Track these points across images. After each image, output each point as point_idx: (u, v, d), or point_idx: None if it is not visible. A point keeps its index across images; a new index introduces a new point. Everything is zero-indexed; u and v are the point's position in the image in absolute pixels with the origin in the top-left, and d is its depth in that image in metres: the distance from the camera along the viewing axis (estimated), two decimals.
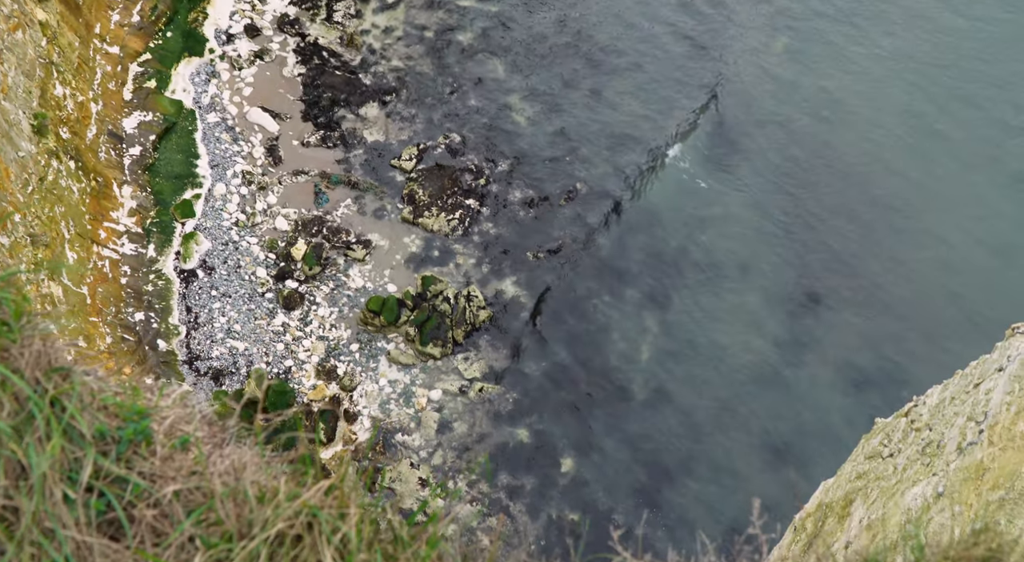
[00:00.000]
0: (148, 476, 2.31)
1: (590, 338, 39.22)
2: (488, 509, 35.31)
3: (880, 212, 42.42)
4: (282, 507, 2.10)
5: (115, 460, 2.28)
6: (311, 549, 2.02)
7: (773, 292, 40.49)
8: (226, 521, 2.12)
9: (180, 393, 2.69)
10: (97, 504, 2.22)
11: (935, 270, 40.66)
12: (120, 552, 2.10)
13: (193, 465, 2.37)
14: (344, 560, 2.02)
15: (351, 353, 38.24)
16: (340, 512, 2.11)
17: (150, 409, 2.54)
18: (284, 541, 2.06)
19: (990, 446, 13.36)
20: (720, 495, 35.92)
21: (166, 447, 2.40)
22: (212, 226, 40.15)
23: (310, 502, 2.11)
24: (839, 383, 38.29)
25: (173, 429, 2.49)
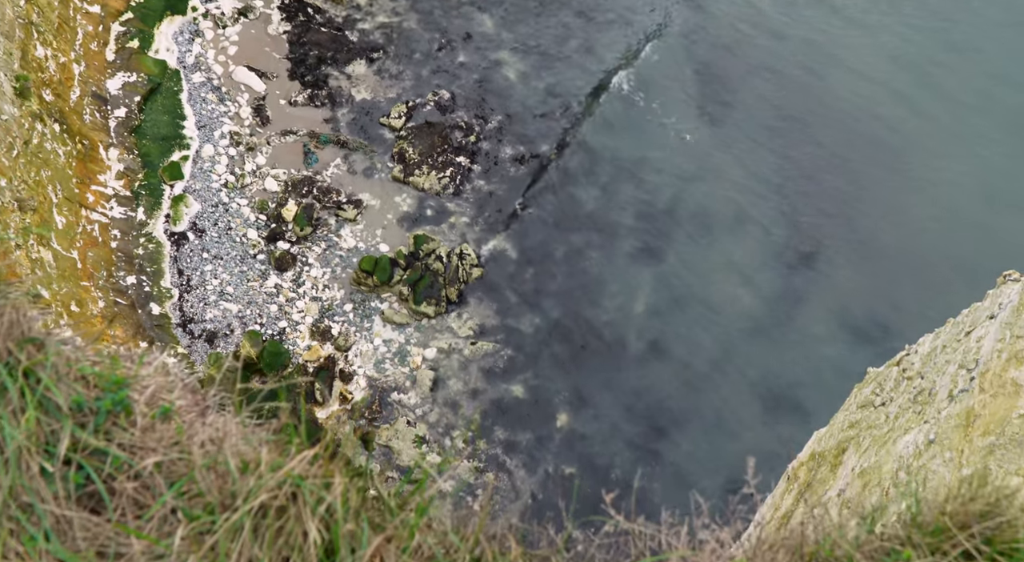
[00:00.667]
0: (128, 448, 2.27)
1: (583, 293, 39.28)
2: (484, 465, 35.65)
3: (871, 162, 42.28)
4: (265, 478, 2.07)
5: (93, 432, 2.24)
6: (296, 520, 1.99)
7: (766, 244, 40.50)
8: (207, 493, 2.09)
9: (161, 361, 2.64)
10: (76, 477, 2.18)
11: (927, 218, 40.68)
12: (101, 525, 2.07)
13: (175, 435, 2.34)
14: (330, 530, 2.00)
15: (345, 313, 38.25)
16: (325, 482, 2.09)
17: (130, 378, 2.49)
18: (268, 512, 2.03)
19: (981, 393, 13.47)
20: (716, 447, 36.31)
21: (147, 417, 2.36)
22: (201, 188, 39.83)
23: (293, 472, 2.08)
24: (832, 333, 38.52)
25: (154, 399, 2.45)
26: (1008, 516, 2.12)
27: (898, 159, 42.25)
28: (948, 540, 2.13)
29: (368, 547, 1.94)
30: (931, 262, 39.52)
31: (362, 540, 1.94)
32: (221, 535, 1.95)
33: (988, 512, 2.17)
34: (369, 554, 1.94)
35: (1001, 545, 2.12)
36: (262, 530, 1.97)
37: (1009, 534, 2.12)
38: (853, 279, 39.58)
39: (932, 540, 2.16)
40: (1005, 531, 2.13)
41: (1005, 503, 2.14)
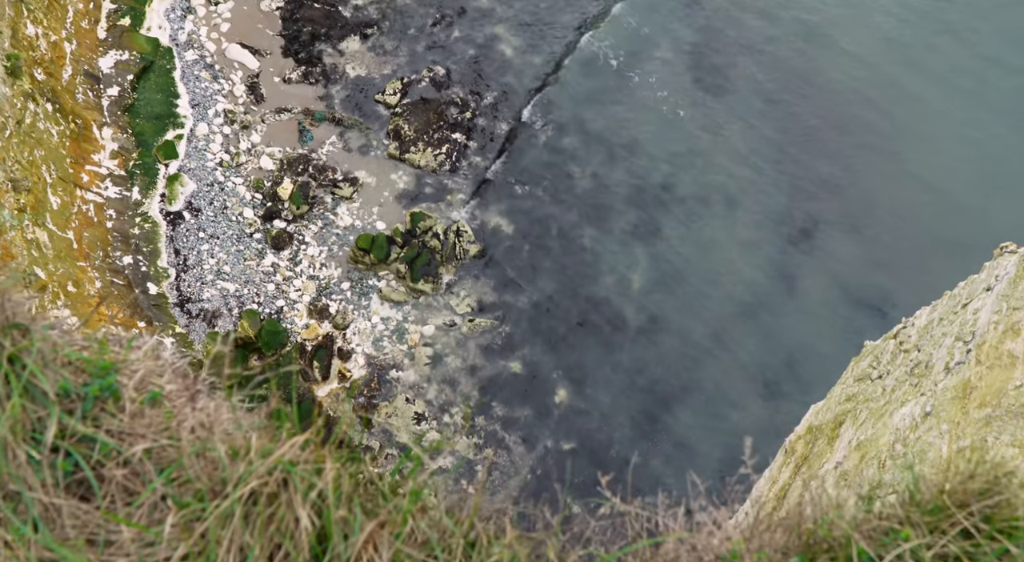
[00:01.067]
0: (116, 434, 2.24)
1: (580, 270, 39.27)
2: (483, 441, 35.81)
3: (866, 140, 42.12)
4: (255, 464, 2.04)
5: (81, 418, 2.21)
6: (287, 506, 1.97)
7: (761, 220, 40.44)
8: (197, 480, 2.07)
9: (151, 345, 2.60)
10: (64, 465, 2.15)
11: (923, 193, 40.61)
12: (90, 513, 2.05)
13: (164, 421, 2.31)
14: (322, 517, 1.98)
15: (342, 292, 38.23)
16: (316, 467, 2.06)
17: (118, 363, 2.46)
18: (259, 499, 2.01)
19: (977, 365, 13.49)
20: (714, 422, 36.47)
21: (136, 402, 2.33)
22: (196, 167, 39.64)
23: (284, 458, 2.05)
24: (829, 308, 38.58)
25: (144, 383, 2.42)
26: (1007, 494, 2.11)
27: (893, 137, 42.10)
28: (947, 519, 2.12)
29: (361, 533, 1.92)
30: (927, 236, 39.51)
31: (355, 526, 1.92)
32: (211, 523, 1.93)
33: (987, 490, 2.16)
34: (362, 540, 1.92)
35: (1000, 523, 2.10)
36: (253, 517, 1.95)
37: (1008, 512, 2.11)
38: (850, 253, 39.59)
39: (931, 519, 2.14)
40: (1004, 509, 2.12)
41: (1005, 481, 2.13)
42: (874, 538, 2.11)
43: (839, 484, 16.38)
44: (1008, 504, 2.11)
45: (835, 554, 2.12)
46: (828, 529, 2.16)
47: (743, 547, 2.16)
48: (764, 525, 2.24)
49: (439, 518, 2.03)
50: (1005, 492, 2.12)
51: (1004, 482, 2.12)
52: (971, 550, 2.06)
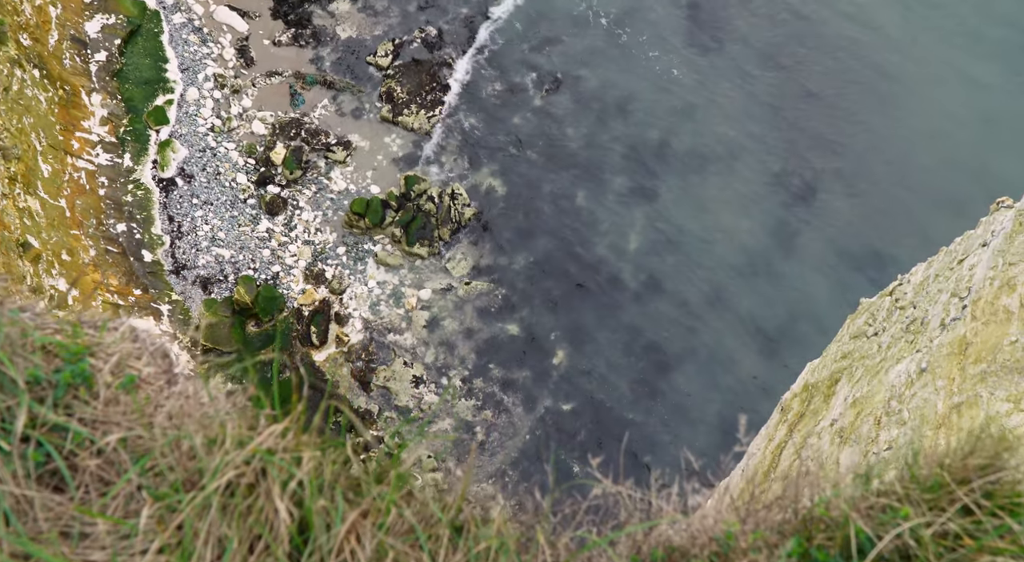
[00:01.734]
0: (90, 422, 2.17)
1: (576, 232, 39.14)
2: (482, 403, 35.99)
3: (863, 91, 41.75)
4: (231, 454, 1.98)
5: (52, 406, 2.14)
6: (266, 497, 1.92)
7: (758, 178, 40.24)
8: (172, 471, 2.01)
9: (128, 326, 2.52)
10: (35, 455, 2.08)
11: (920, 146, 40.37)
12: (64, 504, 1.99)
13: (143, 406, 2.24)
14: (302, 507, 1.92)
15: (338, 256, 38.12)
16: (295, 456, 2.00)
17: (92, 347, 2.38)
18: (236, 490, 1.95)
19: (973, 321, 13.49)
20: (710, 381, 36.63)
21: (111, 388, 2.26)
22: (188, 133, 39.26)
23: (262, 447, 1.99)
24: (826, 265, 38.56)
25: (120, 367, 2.34)
26: (1009, 469, 2.06)
27: (889, 94, 41.72)
28: (947, 495, 2.08)
29: (343, 524, 1.87)
30: (924, 191, 39.37)
31: (336, 516, 1.87)
32: (187, 515, 1.88)
33: (988, 466, 2.11)
34: (344, 530, 1.87)
35: (1002, 499, 2.06)
36: (231, 508, 1.90)
37: (1010, 488, 2.07)
38: (846, 210, 39.48)
39: (930, 496, 2.10)
40: (1005, 485, 2.08)
41: (1006, 456, 2.08)
42: (872, 516, 2.07)
43: (834, 441, 16.48)
44: (1010, 480, 2.07)
45: (832, 533, 2.08)
46: (825, 508, 2.13)
47: (738, 528, 2.13)
48: (761, 504, 2.20)
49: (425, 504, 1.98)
50: (1007, 467, 2.07)
51: (1006, 457, 2.08)
52: (972, 527, 2.02)
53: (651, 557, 2.13)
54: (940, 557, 1.97)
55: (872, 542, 2.03)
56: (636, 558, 2.13)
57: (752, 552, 2.07)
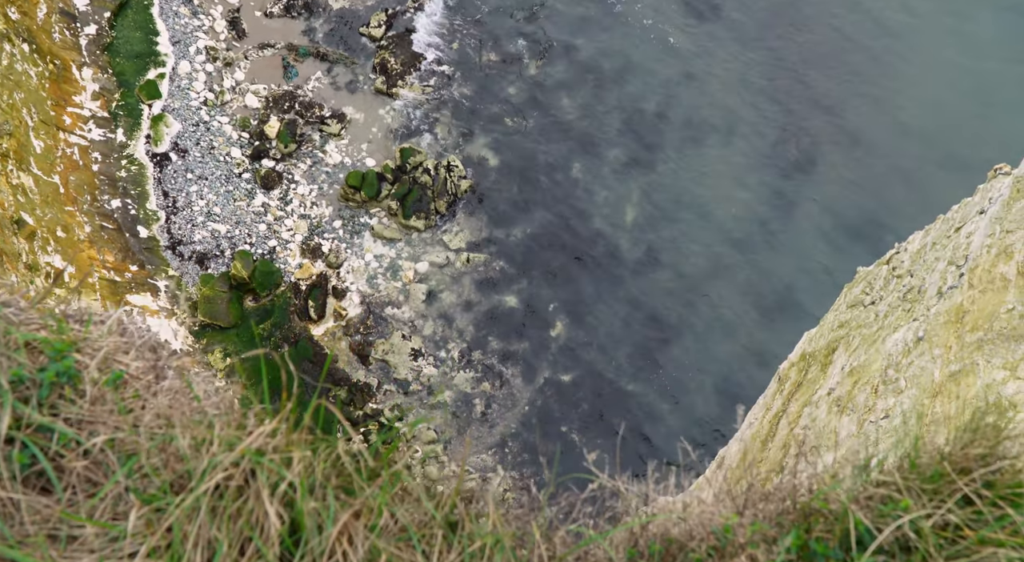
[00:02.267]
0: (76, 423, 2.14)
1: (574, 203, 39.01)
2: (481, 374, 36.09)
3: (860, 56, 41.44)
4: (218, 456, 1.95)
5: (37, 406, 2.10)
6: (256, 499, 1.89)
7: (756, 145, 40.06)
8: (160, 472, 1.97)
9: (115, 319, 2.46)
10: (20, 457, 2.05)
11: (917, 111, 40.15)
12: (51, 506, 1.96)
13: (128, 404, 2.20)
14: (294, 508, 1.90)
15: (335, 230, 38.00)
16: (285, 457, 1.97)
17: (78, 342, 2.33)
18: (225, 493, 1.92)
19: (970, 289, 13.48)
20: (708, 352, 36.71)
21: (98, 384, 2.22)
22: (180, 107, 38.95)
23: (251, 448, 1.96)
24: (823, 234, 38.51)
25: (107, 362, 2.30)
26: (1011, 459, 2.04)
27: (886, 59, 41.39)
28: (948, 486, 2.05)
29: (335, 525, 1.84)
30: (922, 158, 39.23)
31: (328, 518, 1.84)
32: (175, 518, 1.85)
33: (989, 455, 2.09)
34: (336, 531, 1.85)
35: (1003, 489, 2.04)
36: (220, 511, 1.87)
37: (1011, 477, 2.04)
38: (843, 178, 39.35)
39: (930, 486, 2.08)
40: (1007, 474, 2.05)
41: (1009, 444, 2.05)
42: (872, 507, 2.05)
43: (831, 410, 16.55)
44: (1011, 469, 2.04)
45: (831, 525, 2.06)
46: (824, 501, 2.10)
47: (736, 521, 2.11)
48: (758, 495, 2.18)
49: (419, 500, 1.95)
50: (1008, 457, 2.05)
51: (1007, 446, 2.05)
52: (973, 518, 2.00)
53: (648, 550, 2.12)
54: (941, 549, 1.95)
55: (871, 534, 2.01)
56: (633, 551, 2.12)
57: (751, 546, 2.06)
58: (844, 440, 14.47)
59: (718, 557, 2.06)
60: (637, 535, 2.16)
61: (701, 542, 2.08)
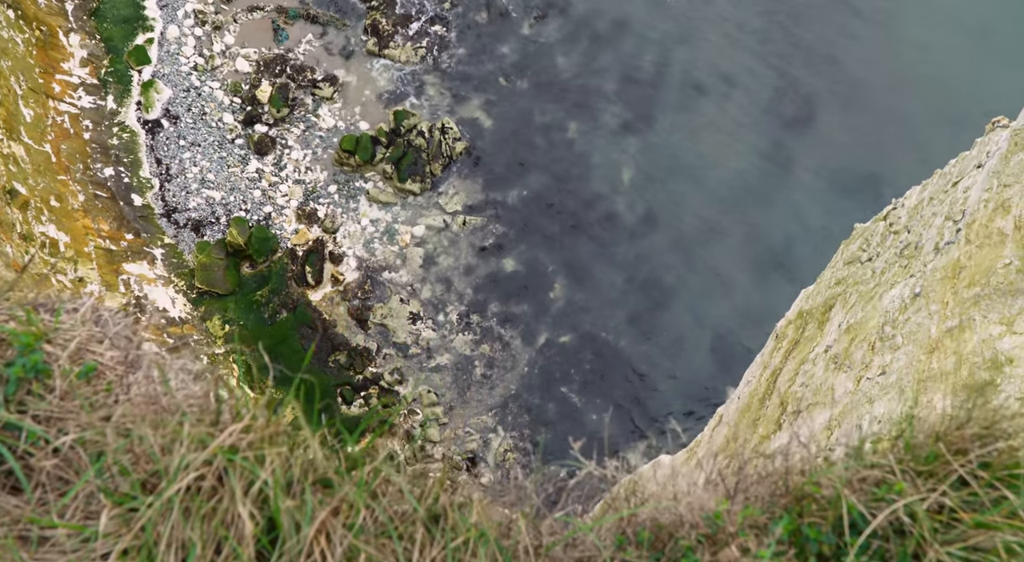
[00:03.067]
0: (44, 420, 2.08)
1: (570, 163, 38.75)
2: (480, 337, 36.16)
3: (855, 9, 40.87)
4: (187, 456, 1.89)
5: (4, 403, 2.03)
6: (231, 499, 1.84)
7: (753, 100, 39.69)
8: (131, 472, 1.92)
9: (89, 307, 2.38)
10: None
11: (915, 68, 39.71)
12: (21, 507, 1.91)
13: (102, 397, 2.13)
14: (269, 506, 1.85)
15: (330, 195, 37.79)
16: (258, 455, 1.91)
17: (49, 333, 2.26)
18: (197, 493, 1.87)
19: (967, 244, 13.42)
20: (706, 310, 36.74)
21: (69, 377, 2.15)
22: (170, 72, 38.49)
23: (224, 446, 1.90)
24: (820, 191, 38.34)
25: (80, 353, 2.23)
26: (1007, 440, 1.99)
27: (883, 16, 40.81)
28: (943, 467, 2.01)
29: (312, 524, 1.80)
30: (920, 111, 38.89)
31: (305, 516, 1.79)
32: (147, 519, 1.80)
33: (985, 435, 2.04)
34: (313, 530, 1.80)
35: (1000, 471, 1.99)
36: (193, 510, 1.82)
37: (1008, 457, 2.00)
38: (841, 134, 39.05)
39: (925, 468, 2.03)
40: (1003, 455, 2.01)
41: (1005, 424, 2.01)
42: (865, 491, 2.00)
43: (828, 367, 16.59)
44: (1008, 449, 2.00)
45: (825, 510, 2.03)
46: (816, 485, 2.06)
47: (726, 507, 2.07)
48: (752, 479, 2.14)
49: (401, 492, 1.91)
50: (1004, 437, 2.00)
51: (1005, 426, 2.00)
52: (969, 500, 1.96)
53: (637, 538, 2.08)
54: (936, 533, 1.92)
55: (865, 518, 1.97)
56: (622, 538, 2.09)
57: (741, 533, 2.02)
58: (841, 397, 14.52)
59: (709, 544, 2.03)
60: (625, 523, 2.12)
61: (691, 529, 2.05)
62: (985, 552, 1.85)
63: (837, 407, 14.66)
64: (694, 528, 2.04)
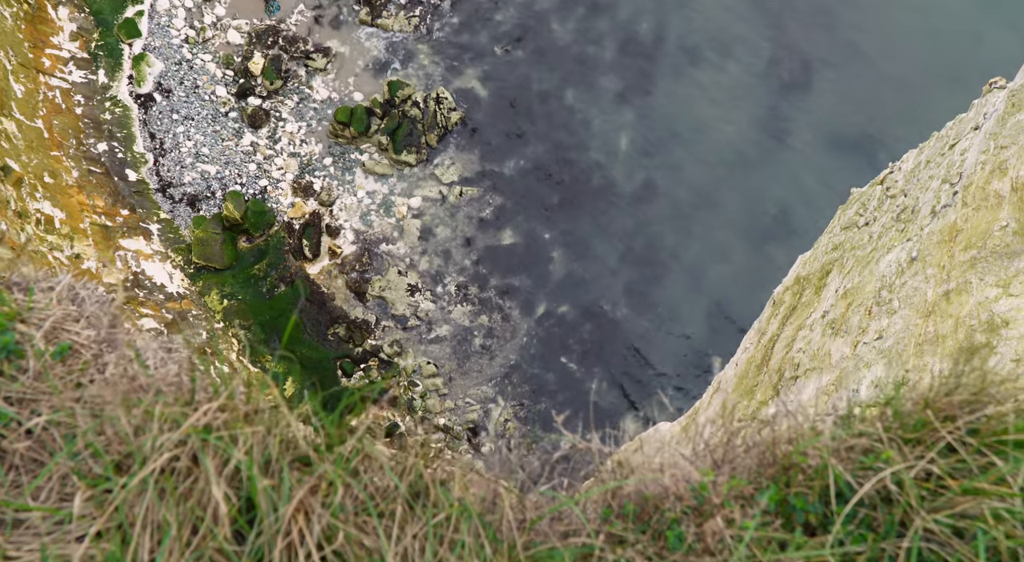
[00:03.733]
0: (17, 401, 2.05)
1: (568, 133, 38.52)
2: (479, 307, 36.19)
3: None
4: (160, 437, 1.87)
5: None
6: (205, 479, 1.82)
7: (750, 66, 39.37)
8: (104, 454, 1.90)
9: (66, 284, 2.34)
10: None
11: (912, 26, 39.31)
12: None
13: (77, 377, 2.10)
14: (246, 486, 1.83)
15: (325, 167, 37.61)
16: (233, 435, 1.89)
17: (23, 313, 2.23)
18: (172, 473, 1.85)
19: (963, 207, 13.38)
20: (704, 277, 36.74)
21: (43, 357, 2.12)
22: (161, 45, 38.10)
23: (198, 425, 1.87)
24: (817, 156, 38.17)
25: (55, 332, 2.20)
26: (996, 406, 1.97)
27: None
28: (931, 434, 1.99)
29: (289, 503, 1.78)
30: (917, 76, 38.59)
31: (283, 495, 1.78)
32: (120, 501, 1.78)
33: (974, 401, 2.02)
34: (291, 509, 1.78)
35: (988, 437, 1.98)
36: (168, 491, 1.81)
37: (996, 423, 1.98)
38: (838, 96, 38.79)
39: (913, 435, 2.02)
40: (992, 420, 1.99)
41: (994, 390, 1.98)
42: (852, 459, 1.99)
43: (825, 333, 16.62)
44: (997, 416, 1.98)
45: (812, 480, 2.01)
46: (803, 455, 2.04)
47: (712, 477, 2.05)
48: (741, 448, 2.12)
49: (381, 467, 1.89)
50: (993, 404, 1.98)
51: (992, 392, 1.98)
52: (957, 467, 1.94)
53: (622, 510, 2.07)
54: (923, 501, 1.91)
55: (852, 487, 1.96)
56: (608, 512, 2.07)
57: (727, 504, 2.01)
58: (838, 363, 14.56)
59: (695, 515, 2.02)
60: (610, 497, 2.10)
61: (677, 501, 2.03)
62: (972, 519, 1.84)
63: (834, 372, 14.71)
64: (680, 500, 2.03)
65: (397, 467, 1.91)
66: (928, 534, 1.86)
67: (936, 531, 1.85)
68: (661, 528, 1.99)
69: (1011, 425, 1.98)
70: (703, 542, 1.92)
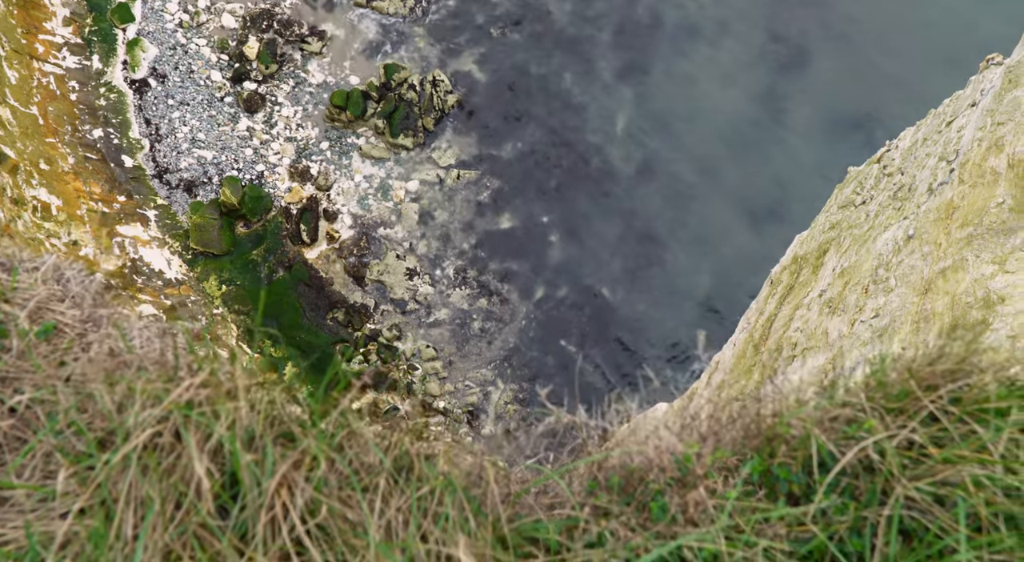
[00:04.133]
0: (1, 379, 2.06)
1: (565, 114, 38.39)
2: (477, 291, 36.20)
3: None
4: (141, 413, 1.88)
5: None
6: (188, 455, 1.83)
7: (746, 45, 39.19)
8: (87, 431, 1.91)
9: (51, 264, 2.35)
10: None
11: (909, 3, 39.10)
12: None
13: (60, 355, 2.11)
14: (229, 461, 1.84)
15: (322, 152, 37.50)
16: (214, 410, 1.90)
17: (6, 292, 2.23)
18: (154, 449, 1.87)
19: (960, 184, 13.37)
20: (701, 258, 36.75)
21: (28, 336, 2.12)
22: (155, 30, 37.89)
23: (180, 401, 1.88)
24: (814, 135, 38.08)
25: (40, 312, 2.20)
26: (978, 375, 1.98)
27: None
28: (914, 403, 2.00)
29: (273, 477, 1.79)
30: (914, 53, 38.43)
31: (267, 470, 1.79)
32: (103, 478, 1.79)
33: (956, 371, 2.03)
34: (275, 484, 1.80)
35: (970, 405, 1.99)
36: (151, 468, 1.82)
37: (978, 392, 1.99)
38: (834, 77, 38.64)
39: (896, 405, 2.03)
40: (974, 389, 2.00)
41: (976, 360, 2.00)
42: (835, 429, 2.00)
43: (823, 312, 16.64)
44: (979, 384, 1.99)
45: (795, 450, 2.03)
46: (787, 426, 2.06)
47: (697, 449, 2.07)
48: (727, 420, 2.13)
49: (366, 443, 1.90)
50: (975, 373, 1.99)
51: (975, 361, 1.99)
52: (939, 436, 1.96)
53: (607, 483, 2.08)
54: (904, 469, 1.92)
55: (835, 457, 1.97)
56: (593, 484, 2.09)
57: (710, 475, 2.03)
58: (835, 341, 14.59)
59: (678, 487, 2.04)
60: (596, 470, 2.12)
61: (661, 472, 2.05)
62: (953, 486, 1.86)
63: (832, 351, 14.74)
64: (663, 471, 2.05)
65: (382, 443, 1.92)
66: (909, 502, 1.89)
67: (917, 499, 1.87)
68: (645, 500, 2.01)
69: (992, 393, 2.00)
70: (686, 513, 1.94)
